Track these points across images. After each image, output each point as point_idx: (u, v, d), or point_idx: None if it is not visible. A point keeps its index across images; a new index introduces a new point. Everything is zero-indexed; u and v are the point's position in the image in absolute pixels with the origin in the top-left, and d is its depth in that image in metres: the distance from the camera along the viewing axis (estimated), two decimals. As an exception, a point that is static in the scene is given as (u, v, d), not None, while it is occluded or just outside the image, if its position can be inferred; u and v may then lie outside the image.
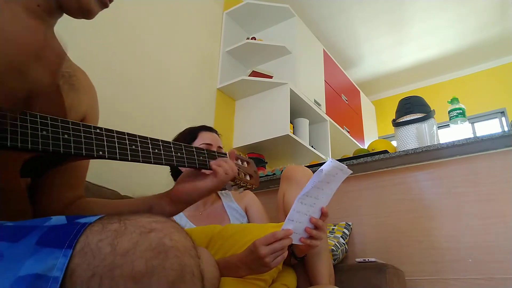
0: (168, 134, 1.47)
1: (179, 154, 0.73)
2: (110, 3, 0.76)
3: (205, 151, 0.79)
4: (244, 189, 0.92)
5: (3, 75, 0.53)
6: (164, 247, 0.44)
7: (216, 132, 1.42)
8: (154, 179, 1.75)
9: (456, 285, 1.36)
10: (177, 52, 2.22)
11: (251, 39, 2.71)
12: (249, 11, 2.79)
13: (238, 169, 0.87)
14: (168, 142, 0.72)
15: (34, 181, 0.74)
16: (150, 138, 0.69)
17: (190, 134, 1.38)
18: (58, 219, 0.49)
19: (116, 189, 1.40)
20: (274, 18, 2.86)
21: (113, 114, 1.72)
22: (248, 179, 0.92)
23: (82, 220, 0.46)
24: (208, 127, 1.42)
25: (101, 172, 1.52)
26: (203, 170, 0.79)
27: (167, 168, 1.36)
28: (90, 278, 0.41)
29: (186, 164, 0.74)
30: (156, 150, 0.69)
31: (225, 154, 0.86)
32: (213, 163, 0.78)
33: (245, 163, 0.94)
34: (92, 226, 0.45)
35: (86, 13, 0.73)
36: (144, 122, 1.88)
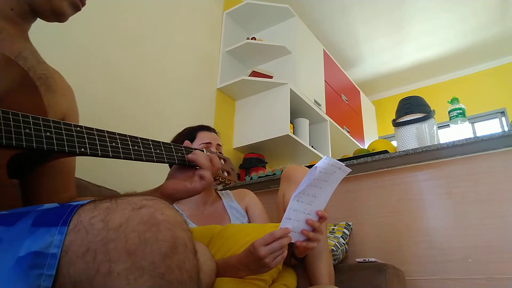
0: (168, 134, 1.47)
1: (157, 151, 0.76)
2: (82, 6, 0.77)
3: (182, 148, 0.82)
4: (223, 185, 0.97)
5: None
6: (156, 220, 0.45)
7: (214, 131, 1.43)
8: (154, 179, 1.75)
9: (456, 285, 1.36)
10: (177, 52, 2.22)
11: (251, 39, 2.71)
12: (249, 11, 2.79)
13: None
14: (147, 140, 0.75)
15: (26, 186, 0.75)
16: (129, 135, 0.72)
17: (189, 134, 1.38)
18: (50, 205, 0.50)
19: (116, 189, 1.40)
20: (274, 18, 2.86)
21: (113, 114, 1.72)
22: (226, 175, 0.96)
23: (75, 203, 0.48)
24: (206, 126, 1.42)
25: (101, 172, 1.52)
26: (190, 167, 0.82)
27: (167, 168, 1.36)
28: (85, 253, 0.42)
29: (165, 160, 0.77)
30: (136, 147, 0.71)
31: (202, 150, 0.89)
32: (197, 164, 0.80)
33: (222, 160, 0.98)
34: (85, 206, 0.47)
35: (58, 16, 0.74)
36: (144, 122, 1.88)
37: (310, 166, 1.83)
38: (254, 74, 2.59)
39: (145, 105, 1.92)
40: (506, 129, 3.90)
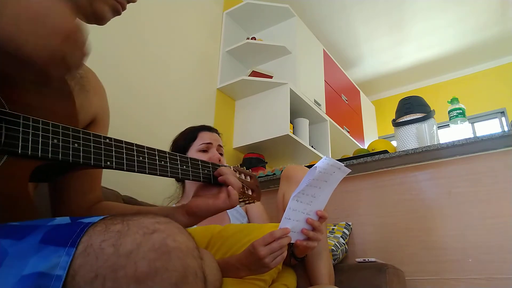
0: (168, 134, 1.47)
1: (184, 167, 0.74)
2: (123, 10, 0.76)
3: (210, 164, 0.80)
4: (246, 204, 0.92)
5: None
6: (167, 248, 0.44)
7: (216, 131, 1.42)
8: (154, 179, 1.75)
9: (456, 285, 1.36)
10: (177, 52, 2.22)
11: (251, 39, 2.71)
12: (249, 11, 2.79)
13: (242, 184, 0.87)
14: (175, 155, 0.73)
15: (54, 187, 0.75)
16: (157, 150, 0.70)
17: (190, 134, 1.38)
18: (61, 219, 0.49)
19: (116, 189, 1.40)
20: (274, 18, 2.86)
21: (113, 114, 1.71)
22: (251, 193, 0.92)
23: (86, 220, 0.46)
24: (208, 126, 1.42)
25: (105, 172, 1.52)
26: (217, 185, 0.80)
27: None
28: (93, 279, 0.41)
29: (190, 177, 0.75)
30: (163, 162, 0.70)
31: (229, 166, 0.86)
32: (226, 182, 0.78)
33: (248, 177, 0.94)
34: (95, 227, 0.45)
35: (98, 20, 0.73)
36: (144, 122, 1.88)
37: (310, 166, 1.83)
38: (254, 74, 2.59)
39: (145, 104, 1.92)
40: (506, 129, 3.90)
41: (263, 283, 0.99)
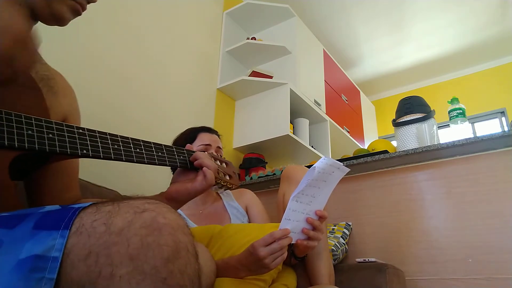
0: (168, 134, 1.47)
1: (159, 153, 0.76)
2: (83, 11, 0.77)
3: (184, 150, 0.82)
4: (225, 189, 0.95)
5: None
6: (158, 224, 0.45)
7: (216, 133, 1.43)
8: (154, 179, 1.75)
9: (456, 285, 1.36)
10: (177, 52, 2.22)
11: (251, 39, 2.71)
12: (249, 11, 2.79)
13: (218, 169, 0.90)
14: (149, 142, 0.75)
15: (30, 186, 0.75)
16: (131, 138, 0.72)
17: (190, 135, 1.38)
18: (52, 207, 0.50)
19: (116, 189, 1.40)
20: (274, 18, 2.86)
21: (113, 115, 1.72)
22: (228, 178, 0.95)
23: (76, 205, 0.48)
24: (208, 128, 1.42)
25: (101, 172, 1.52)
26: (193, 170, 0.83)
27: (168, 168, 1.36)
28: (87, 256, 0.42)
29: (167, 163, 0.77)
30: (138, 150, 0.71)
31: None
32: (202, 164, 0.81)
33: (223, 164, 0.97)
34: (87, 208, 0.46)
35: (58, 20, 0.74)
36: (144, 122, 1.88)
37: (310, 166, 1.83)
38: (254, 74, 2.59)
39: (145, 105, 1.92)
40: (506, 129, 3.90)
41: (263, 283, 0.99)
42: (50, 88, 0.73)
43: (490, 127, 4.13)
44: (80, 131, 0.63)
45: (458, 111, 1.81)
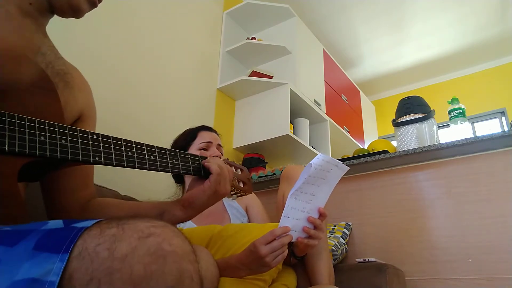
0: (167, 134, 1.47)
1: (174, 161, 0.74)
2: (99, 3, 0.77)
3: (199, 158, 0.80)
4: (238, 196, 0.93)
5: None
6: (163, 252, 0.44)
7: (215, 132, 1.44)
8: (154, 179, 1.75)
9: (456, 285, 1.36)
10: (177, 52, 2.22)
11: (251, 39, 2.71)
12: (249, 11, 2.79)
13: (234, 177, 0.88)
14: (164, 149, 0.73)
15: (46, 184, 0.75)
16: (146, 144, 0.70)
17: (190, 134, 1.39)
18: (55, 223, 0.49)
19: (116, 189, 1.40)
20: (274, 18, 2.86)
21: (113, 115, 1.72)
22: (242, 186, 0.93)
23: (79, 225, 0.46)
24: (208, 127, 1.44)
25: (101, 172, 1.52)
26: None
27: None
28: (89, 282, 0.41)
29: (181, 170, 0.75)
30: (152, 157, 0.70)
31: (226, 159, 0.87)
32: (209, 164, 0.80)
33: (238, 170, 0.95)
34: (90, 230, 0.45)
35: (75, 12, 0.74)
36: (144, 122, 1.88)
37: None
38: (254, 74, 2.59)
39: (145, 105, 1.92)
40: (506, 129, 3.90)
41: (263, 283, 0.99)
42: (66, 83, 0.72)
43: (490, 127, 4.13)
44: (94, 137, 0.61)
45: (458, 111, 1.81)
